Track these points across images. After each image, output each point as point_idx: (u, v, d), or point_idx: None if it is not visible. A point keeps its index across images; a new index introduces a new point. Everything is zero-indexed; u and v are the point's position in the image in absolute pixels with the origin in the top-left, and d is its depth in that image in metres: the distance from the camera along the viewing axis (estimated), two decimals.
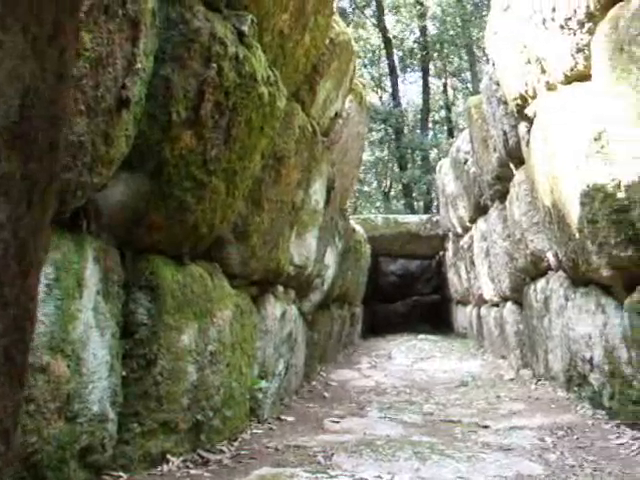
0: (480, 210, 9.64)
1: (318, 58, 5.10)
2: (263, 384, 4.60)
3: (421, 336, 13.06)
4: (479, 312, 10.92)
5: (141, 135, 2.76)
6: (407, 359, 10.17)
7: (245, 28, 3.32)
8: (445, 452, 3.88)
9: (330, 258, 7.36)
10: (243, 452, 3.89)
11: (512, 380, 7.45)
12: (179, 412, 3.39)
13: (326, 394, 6.68)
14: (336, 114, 6.21)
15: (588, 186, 4.32)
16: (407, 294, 16.88)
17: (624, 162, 3.76)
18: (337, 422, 5.09)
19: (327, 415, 5.40)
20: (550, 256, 6.12)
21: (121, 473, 3.02)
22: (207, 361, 3.67)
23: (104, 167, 2.46)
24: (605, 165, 4.11)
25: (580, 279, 5.23)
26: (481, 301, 10.51)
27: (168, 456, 3.34)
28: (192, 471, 3.37)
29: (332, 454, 3.82)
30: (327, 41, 5.25)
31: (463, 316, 13.05)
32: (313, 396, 6.54)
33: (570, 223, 4.85)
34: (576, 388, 5.55)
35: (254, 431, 4.50)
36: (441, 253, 15.02)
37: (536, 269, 6.75)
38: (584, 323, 5.14)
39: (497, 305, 9.32)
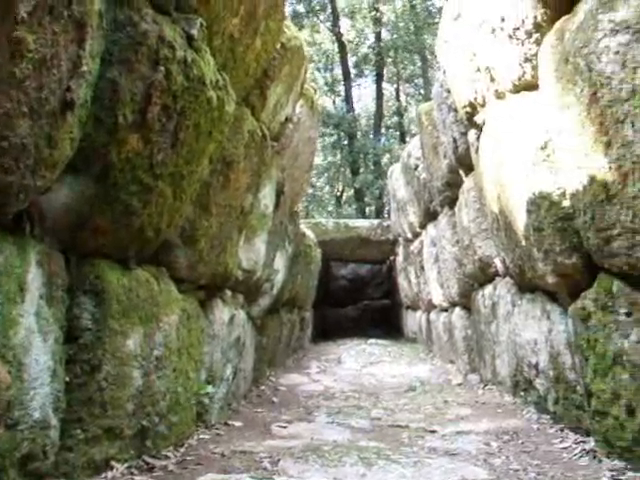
0: (430, 216, 9.71)
1: (269, 62, 5.09)
2: (209, 389, 4.57)
3: (371, 341, 13.11)
4: (428, 317, 11.00)
5: (87, 138, 2.72)
6: (357, 363, 10.20)
7: (194, 32, 3.30)
8: (391, 457, 3.90)
9: (280, 262, 7.35)
10: (189, 458, 3.86)
11: (460, 385, 7.51)
12: (124, 418, 3.34)
13: (275, 399, 6.66)
14: (287, 119, 6.21)
15: (534, 194, 4.38)
16: (358, 298, 16.96)
17: (569, 171, 3.81)
18: (285, 427, 5.08)
19: (275, 420, 5.38)
20: (498, 262, 6.19)
21: None
22: (153, 366, 3.63)
23: (48, 170, 2.42)
24: (551, 174, 4.17)
25: (527, 285, 5.29)
26: (430, 306, 10.59)
27: (112, 462, 3.29)
28: (137, 478, 3.33)
29: (278, 460, 3.81)
30: (278, 46, 5.24)
31: (413, 321, 13.13)
32: (262, 401, 6.51)
33: (517, 230, 4.91)
34: (522, 393, 5.61)
35: (201, 436, 4.47)
36: (392, 258, 15.10)
37: (484, 275, 6.82)
38: (530, 329, 5.21)
39: (446, 310, 9.40)
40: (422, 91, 26.05)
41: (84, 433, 3.09)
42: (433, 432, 4.97)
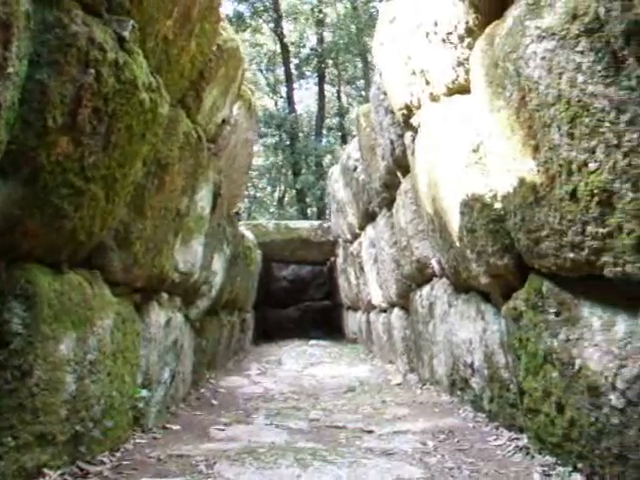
0: (369, 217, 9.78)
1: (205, 64, 5.07)
2: (144, 393, 4.53)
3: (312, 342, 13.15)
4: (368, 318, 11.08)
5: (15, 141, 2.67)
6: (297, 365, 10.21)
7: (126, 33, 3.28)
8: (327, 458, 3.91)
9: (218, 264, 7.32)
10: (125, 463, 3.83)
11: (399, 385, 7.57)
12: (57, 424, 3.29)
13: (214, 401, 6.63)
14: (223, 121, 6.19)
15: (467, 196, 4.45)
16: (299, 299, 16.98)
17: (500, 173, 3.88)
18: (223, 430, 5.06)
19: (214, 423, 5.36)
20: (434, 263, 6.26)
21: None
22: (87, 371, 3.58)
23: None
24: (483, 176, 4.24)
25: (462, 286, 5.37)
26: (370, 307, 10.66)
27: (45, 470, 3.23)
28: None
29: (214, 462, 3.80)
30: (214, 47, 5.22)
31: (354, 321, 13.19)
32: (201, 404, 6.48)
33: (451, 231, 4.98)
34: (459, 392, 5.69)
35: (137, 441, 4.43)
36: (332, 259, 15.16)
37: (421, 275, 6.89)
38: (466, 329, 5.29)
39: (385, 311, 9.47)
40: (363, 93, 26.19)
41: (15, 440, 3.03)
42: (370, 432, 5.00)
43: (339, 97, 28.36)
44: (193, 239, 5.68)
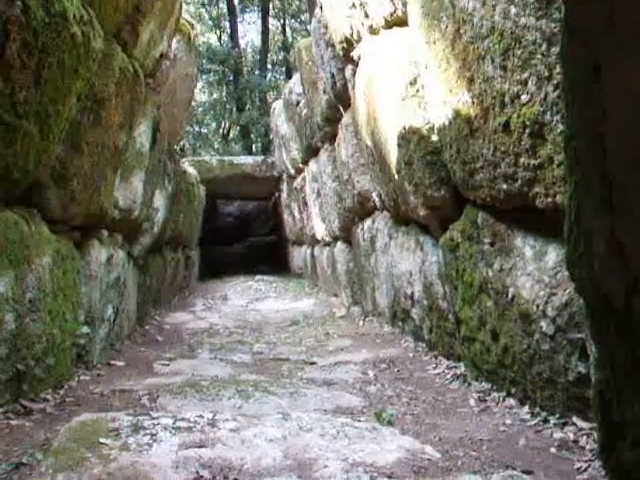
0: (312, 152, 9.76)
1: None
2: (85, 329, 4.51)
3: (258, 277, 13.20)
4: (313, 252, 11.14)
5: None
6: (242, 300, 10.27)
7: None
8: (269, 389, 3.98)
9: (160, 201, 7.26)
10: (68, 399, 3.84)
11: (343, 317, 7.69)
12: None
13: (159, 337, 6.66)
14: (162, 55, 6.08)
15: (404, 129, 4.47)
16: (245, 235, 16.99)
17: (436, 106, 3.91)
18: (167, 365, 5.10)
19: (158, 358, 5.40)
20: (375, 196, 6.31)
21: None
22: (26, 309, 3.56)
23: None
24: (420, 109, 4.26)
25: (402, 218, 5.43)
26: (314, 241, 10.71)
27: None
28: (13, 422, 3.30)
29: (157, 396, 3.84)
30: None
31: (299, 256, 13.26)
32: (146, 340, 6.50)
33: (390, 164, 5.01)
34: (400, 323, 5.80)
35: (82, 378, 4.43)
36: (277, 194, 15.14)
37: (363, 209, 6.94)
38: (406, 260, 5.36)
39: (329, 245, 9.53)
40: (308, 27, 25.82)
41: None
42: (313, 364, 5.09)
43: (284, 31, 27.87)
44: (133, 176, 5.62)
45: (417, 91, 4.32)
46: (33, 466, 2.65)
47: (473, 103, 3.32)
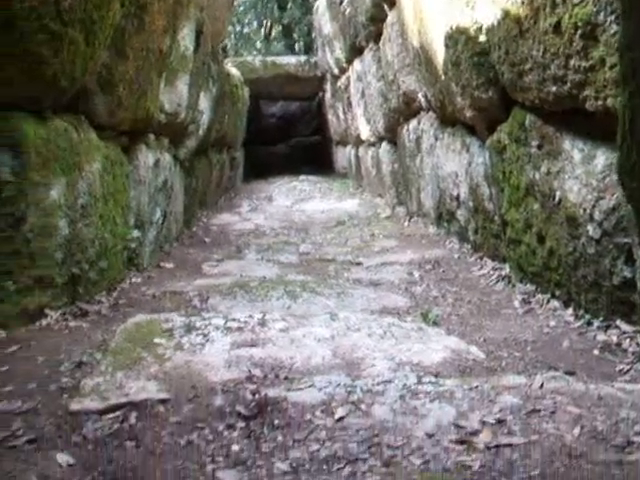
0: (356, 51, 9.60)
1: None
2: (135, 233, 4.62)
3: (302, 177, 13.22)
4: (357, 152, 11.10)
5: None
6: (287, 201, 10.32)
7: None
8: (316, 290, 4.07)
9: (204, 103, 7.26)
10: (121, 301, 3.98)
11: (388, 218, 7.72)
12: (54, 267, 3.40)
13: (206, 239, 6.78)
14: None
15: (452, 28, 4.39)
16: (288, 136, 16.91)
17: (484, 5, 3.82)
18: (215, 266, 5.22)
19: (206, 260, 5.51)
20: (421, 97, 6.23)
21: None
22: (79, 215, 3.66)
23: None
24: (467, 7, 4.16)
25: (448, 119, 5.38)
26: (359, 141, 10.66)
27: (46, 310, 3.38)
28: (71, 323, 3.44)
29: (207, 297, 3.95)
30: None
31: (343, 156, 13.23)
32: (193, 242, 6.63)
33: (436, 65, 4.94)
34: (445, 224, 5.82)
35: (133, 280, 4.56)
36: (320, 94, 14.98)
37: (408, 109, 6.88)
38: (452, 162, 5.34)
39: (374, 145, 9.48)
40: None
41: (15, 285, 3.16)
42: (359, 264, 5.17)
43: None
44: (178, 79, 5.62)
45: None
46: (93, 365, 2.77)
47: (523, 3, 3.24)
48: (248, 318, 3.29)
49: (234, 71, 10.50)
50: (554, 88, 3.14)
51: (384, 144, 8.58)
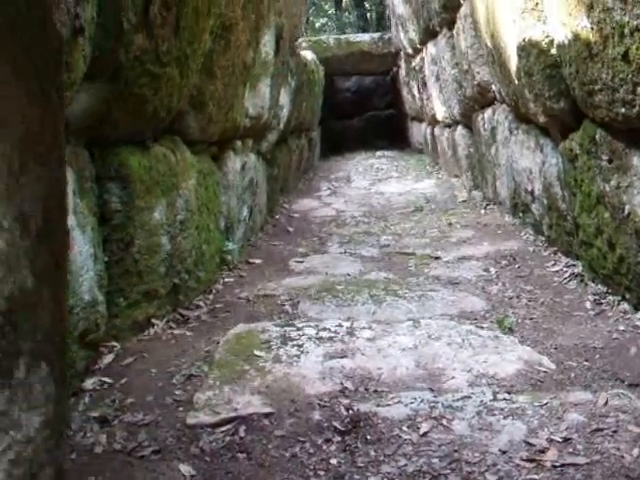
0: (429, 34, 9.66)
1: None
2: (230, 246, 4.98)
3: (379, 153, 13.41)
4: (433, 131, 11.21)
5: (96, 48, 2.89)
6: (365, 181, 10.54)
7: None
8: (398, 293, 4.33)
9: (284, 98, 7.51)
10: (218, 305, 4.30)
11: (464, 202, 7.90)
12: (158, 280, 3.75)
13: (289, 228, 7.07)
14: None
15: (524, 40, 4.54)
16: (363, 110, 17.04)
17: (555, 23, 3.97)
18: (301, 262, 5.51)
19: (292, 254, 5.81)
20: (495, 89, 6.37)
21: (114, 342, 3.43)
22: (178, 230, 3.99)
23: (67, 91, 2.65)
24: (539, 22, 4.31)
25: (522, 117, 5.52)
26: (434, 121, 10.76)
27: (153, 320, 3.74)
28: (175, 331, 3.79)
29: (298, 302, 4.25)
30: None
31: (418, 132, 13.32)
32: (277, 231, 6.93)
33: (510, 69, 5.09)
34: (521, 214, 5.99)
35: (226, 280, 4.89)
36: (394, 69, 15.04)
37: (483, 99, 7.01)
38: (526, 158, 5.50)
39: (449, 126, 9.60)
40: None
41: (126, 300, 3.51)
42: (437, 258, 5.39)
43: None
44: (260, 82, 5.89)
45: (536, 4, 4.37)
46: (202, 378, 3.11)
47: (592, 29, 3.39)
48: (337, 327, 3.61)
49: (309, 56, 10.63)
50: (623, 110, 3.30)
51: (459, 128, 8.70)
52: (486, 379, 2.98)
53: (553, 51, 4.22)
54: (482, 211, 7.15)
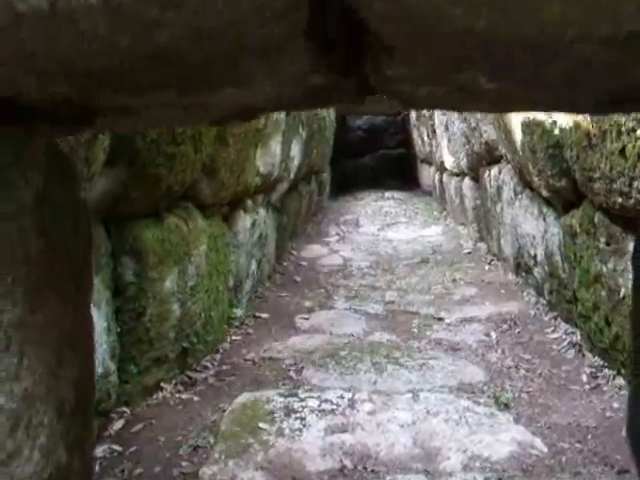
0: None
1: None
2: (238, 312, 5.11)
3: (388, 194, 13.58)
4: (442, 177, 11.35)
5: (114, 137, 3.04)
6: (374, 226, 10.66)
7: None
8: (400, 361, 4.43)
9: (295, 149, 7.58)
10: (224, 367, 4.42)
11: (469, 254, 8.02)
12: (168, 346, 3.87)
13: (297, 278, 7.17)
14: None
15: (528, 119, 4.69)
16: (374, 148, 17.22)
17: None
18: (307, 318, 5.61)
19: (298, 309, 5.90)
20: (501, 149, 6.51)
21: (124, 408, 3.56)
22: (188, 295, 4.12)
23: (87, 182, 2.80)
24: None
25: (526, 183, 5.65)
26: (443, 168, 10.89)
27: (162, 384, 3.87)
28: (183, 395, 3.91)
29: (302, 367, 4.37)
30: None
31: (427, 175, 13.47)
32: (285, 281, 7.03)
33: (514, 141, 5.24)
34: (524, 274, 6.10)
35: (233, 337, 4.99)
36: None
37: (490, 157, 7.15)
38: (529, 223, 5.63)
39: (457, 175, 9.74)
40: None
41: (137, 367, 3.64)
42: (440, 319, 5.49)
43: None
44: (271, 140, 6.02)
45: None
46: (207, 450, 3.23)
47: (591, 121, 3.53)
48: (339, 399, 3.72)
49: None
50: (620, 199, 3.43)
51: (467, 179, 8.84)
52: (480, 462, 3.08)
53: (556, 132, 4.35)
54: (486, 267, 7.26)
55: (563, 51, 1.06)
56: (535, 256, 5.56)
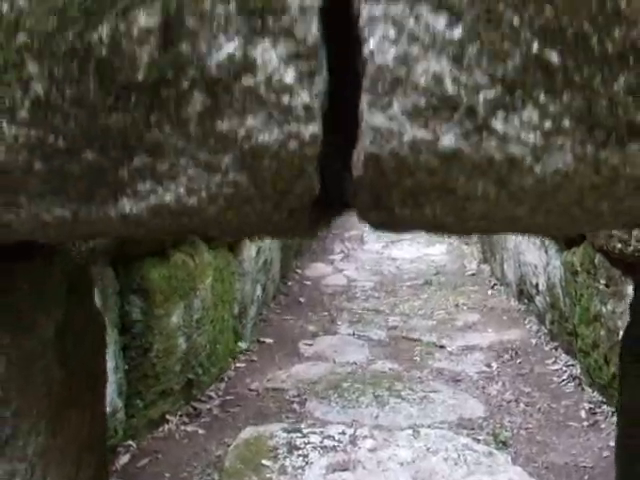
0: None
1: None
2: (243, 346, 5.18)
3: None
4: None
5: None
6: (378, 243, 10.63)
7: None
8: (401, 394, 4.50)
9: None
10: (229, 398, 4.49)
11: (473, 276, 8.06)
12: (173, 379, 3.95)
13: (301, 299, 7.20)
14: None
15: None
16: None
17: None
18: (310, 345, 5.67)
19: (302, 333, 5.95)
20: None
21: (130, 442, 3.63)
22: (194, 328, 4.19)
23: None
24: None
25: None
26: None
27: (167, 416, 3.95)
28: (188, 428, 3.98)
29: (305, 399, 4.43)
30: None
31: None
32: (289, 302, 7.07)
33: None
34: (526, 301, 6.15)
35: (237, 365, 5.06)
36: None
37: None
38: (532, 253, 5.69)
39: None
40: None
41: (142, 401, 3.72)
42: (442, 347, 5.55)
43: None
44: None
45: None
46: None
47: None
48: (341, 435, 3.78)
49: None
50: (619, 245, 3.49)
51: None
52: None
53: None
54: (489, 291, 7.30)
55: None
56: (537, 285, 5.62)
